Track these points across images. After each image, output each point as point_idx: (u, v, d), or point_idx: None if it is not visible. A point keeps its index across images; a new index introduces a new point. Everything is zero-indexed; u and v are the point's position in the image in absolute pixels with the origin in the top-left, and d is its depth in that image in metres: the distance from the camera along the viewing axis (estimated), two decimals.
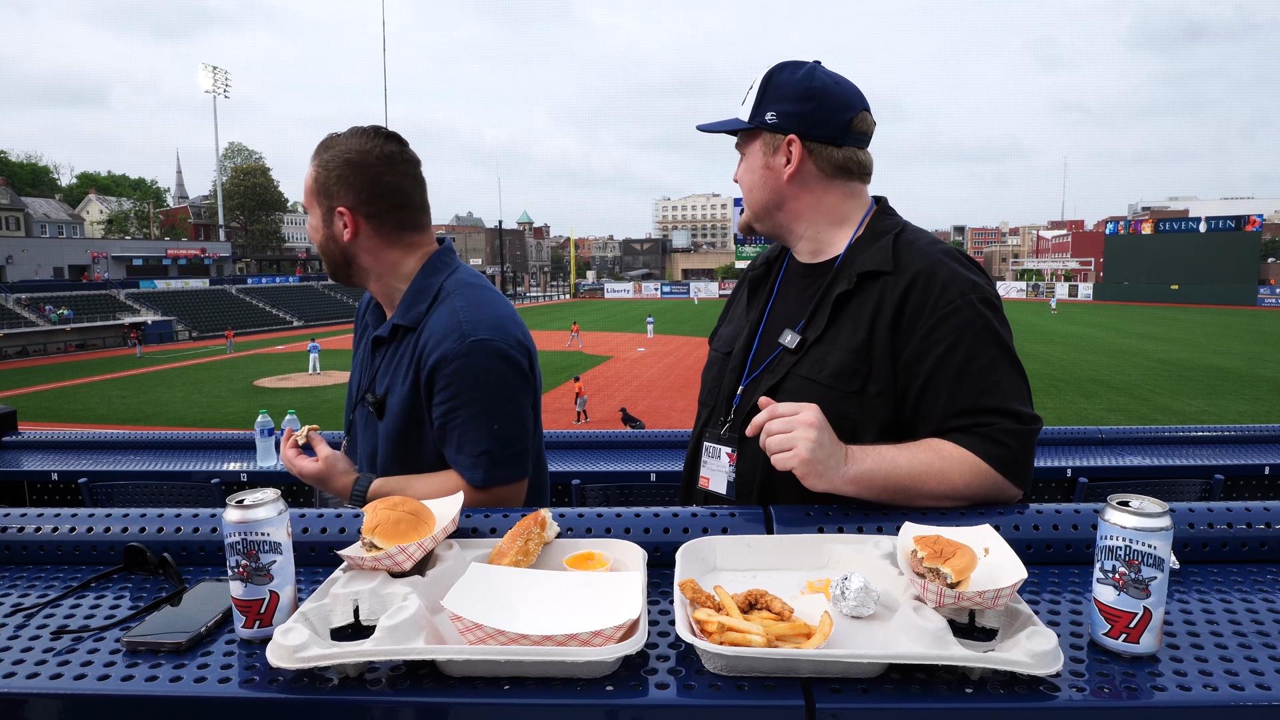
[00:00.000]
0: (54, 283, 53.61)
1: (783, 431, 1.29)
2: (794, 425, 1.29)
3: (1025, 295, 79.47)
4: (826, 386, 1.45)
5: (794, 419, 1.29)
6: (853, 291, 1.48)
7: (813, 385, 1.46)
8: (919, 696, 0.89)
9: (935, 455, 1.36)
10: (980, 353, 1.40)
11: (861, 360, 1.44)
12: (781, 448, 1.29)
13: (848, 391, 1.44)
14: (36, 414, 21.96)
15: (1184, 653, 0.98)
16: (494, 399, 1.68)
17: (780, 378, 1.51)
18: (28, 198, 74.48)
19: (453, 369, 1.65)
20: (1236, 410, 18.66)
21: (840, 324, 1.48)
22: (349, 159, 1.72)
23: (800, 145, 1.55)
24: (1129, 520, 0.96)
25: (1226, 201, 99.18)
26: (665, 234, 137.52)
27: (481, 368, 1.66)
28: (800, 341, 1.51)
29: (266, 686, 0.94)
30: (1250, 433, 3.79)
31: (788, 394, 1.47)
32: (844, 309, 1.49)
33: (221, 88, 76.43)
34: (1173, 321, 45.69)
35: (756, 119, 1.57)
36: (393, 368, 1.76)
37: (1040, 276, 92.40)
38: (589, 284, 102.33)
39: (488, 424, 1.67)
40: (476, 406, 1.66)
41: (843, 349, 1.46)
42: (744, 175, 1.63)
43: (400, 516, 1.17)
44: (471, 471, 1.66)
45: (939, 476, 1.34)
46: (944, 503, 1.37)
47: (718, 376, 1.68)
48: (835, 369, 1.45)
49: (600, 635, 0.93)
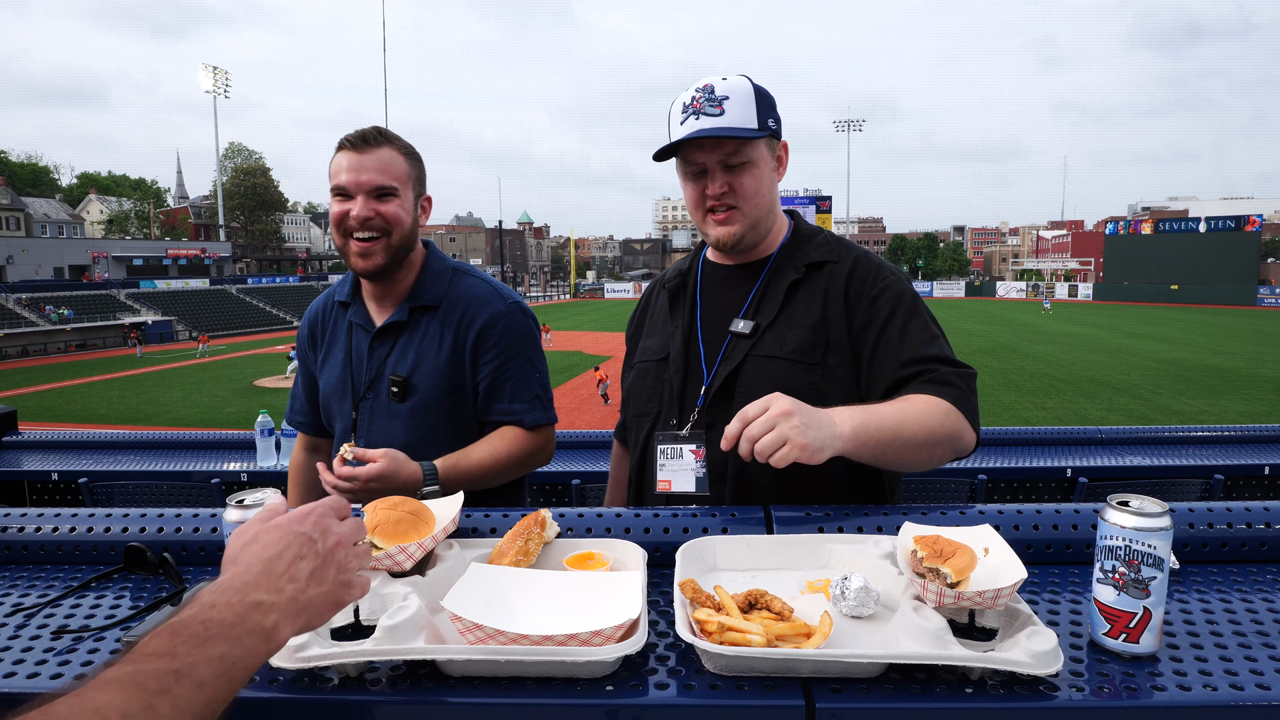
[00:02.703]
0: (54, 283, 53.61)
1: (766, 430, 1.25)
2: (772, 420, 1.25)
3: (1025, 295, 79.47)
4: (791, 361, 1.58)
5: (769, 415, 1.25)
6: (801, 280, 1.64)
7: (776, 361, 1.59)
8: (919, 696, 0.89)
9: (907, 403, 1.45)
10: (914, 316, 1.59)
11: (819, 335, 1.59)
12: (774, 445, 1.24)
13: (811, 363, 1.57)
14: (37, 414, 21.97)
15: (1184, 653, 0.98)
16: (535, 351, 1.97)
17: (739, 361, 1.60)
18: (28, 198, 74.48)
19: (501, 326, 1.91)
20: (1236, 410, 18.66)
21: (793, 308, 1.62)
22: (417, 154, 1.93)
23: (788, 151, 1.71)
24: (1129, 520, 0.96)
25: (1226, 201, 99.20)
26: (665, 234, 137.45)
27: (523, 325, 1.95)
28: (754, 327, 1.62)
29: (267, 686, 0.94)
30: (1250, 433, 3.79)
31: (749, 375, 1.59)
32: (794, 295, 1.63)
33: (221, 88, 76.43)
34: (1172, 321, 45.70)
35: (765, 127, 1.61)
36: (414, 347, 1.90)
37: (1040, 277, 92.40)
38: (589, 284, 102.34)
39: (533, 372, 1.94)
40: (524, 357, 1.93)
41: (800, 327, 1.60)
42: (752, 183, 1.62)
43: (400, 516, 1.18)
44: (530, 413, 1.91)
45: (918, 421, 1.41)
46: (924, 453, 1.42)
47: (655, 384, 1.73)
48: (797, 344, 1.59)
49: (600, 635, 0.93)
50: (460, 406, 1.90)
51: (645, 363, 1.78)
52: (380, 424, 1.89)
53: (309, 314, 2.11)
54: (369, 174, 1.81)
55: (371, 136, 1.84)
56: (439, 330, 1.90)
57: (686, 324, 1.72)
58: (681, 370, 1.68)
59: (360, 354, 1.95)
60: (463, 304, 1.91)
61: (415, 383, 1.87)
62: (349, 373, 1.95)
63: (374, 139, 1.84)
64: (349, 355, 1.96)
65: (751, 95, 1.59)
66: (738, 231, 1.64)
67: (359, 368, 1.94)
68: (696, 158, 1.61)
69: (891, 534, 1.24)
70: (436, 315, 1.91)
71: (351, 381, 1.94)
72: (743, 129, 1.57)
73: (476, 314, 1.90)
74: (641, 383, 1.77)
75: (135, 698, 0.61)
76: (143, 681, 0.62)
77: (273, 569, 0.79)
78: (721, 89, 1.58)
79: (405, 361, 1.89)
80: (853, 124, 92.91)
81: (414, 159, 1.91)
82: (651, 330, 1.83)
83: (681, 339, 1.70)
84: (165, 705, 0.62)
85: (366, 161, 1.82)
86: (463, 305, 1.91)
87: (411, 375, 1.88)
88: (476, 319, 1.89)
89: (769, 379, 1.57)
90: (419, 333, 1.91)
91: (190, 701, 0.64)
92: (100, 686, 0.61)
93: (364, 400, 1.91)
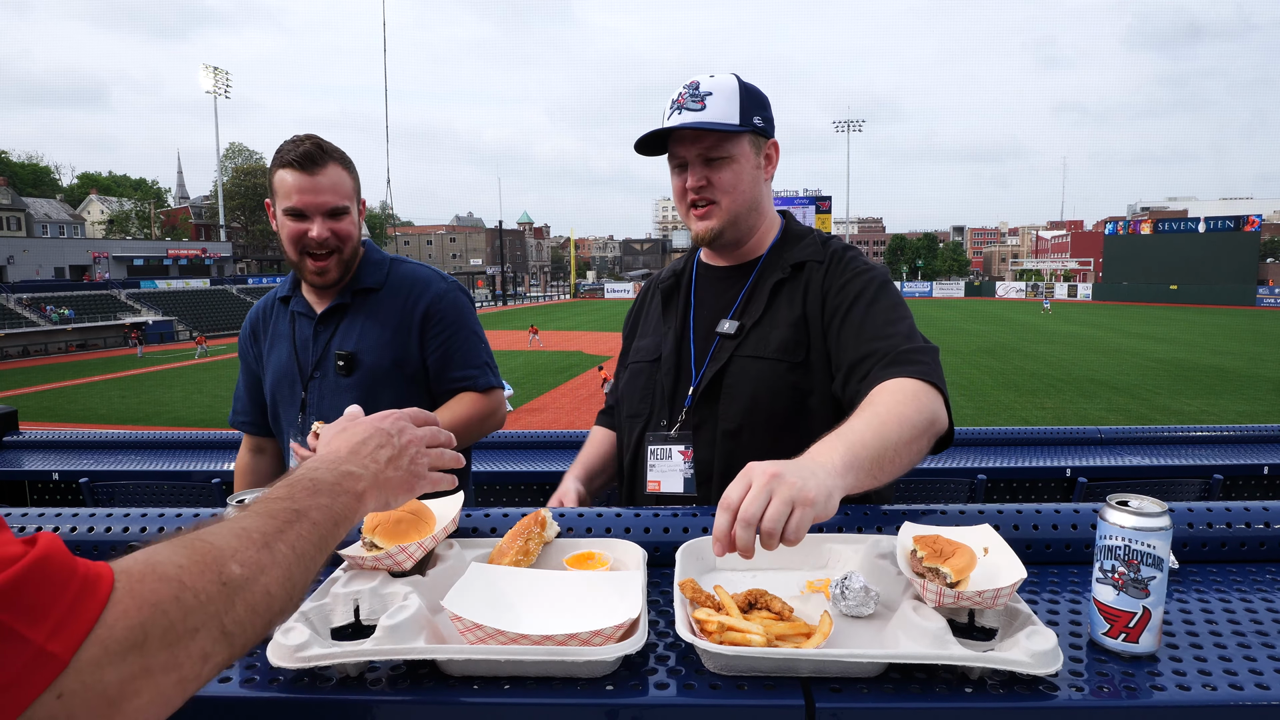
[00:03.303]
0: (55, 283, 53.57)
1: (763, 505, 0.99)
2: (762, 490, 1.00)
3: (1024, 295, 79.46)
4: (774, 360, 1.59)
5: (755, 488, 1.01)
6: (786, 279, 1.66)
7: (759, 361, 1.60)
8: (918, 696, 0.89)
9: (877, 404, 1.32)
10: (879, 299, 1.58)
11: (800, 332, 1.60)
12: (782, 516, 0.99)
13: (794, 362, 1.58)
14: (37, 414, 21.96)
15: (1183, 652, 0.98)
16: (476, 322, 2.15)
17: (724, 362, 1.62)
18: (29, 198, 74.46)
19: (447, 303, 2.08)
20: (1236, 410, 18.65)
21: (776, 307, 1.64)
22: (351, 160, 2.01)
23: (778, 151, 1.71)
24: (1128, 520, 0.96)
25: (1226, 202, 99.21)
26: (665, 234, 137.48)
27: (464, 301, 2.13)
28: (739, 327, 1.64)
29: (267, 686, 0.94)
30: (1249, 433, 3.79)
31: (734, 375, 1.61)
32: (779, 294, 1.65)
33: (222, 88, 76.44)
34: (1172, 321, 45.70)
35: (749, 124, 1.61)
36: (359, 325, 2.03)
37: (1040, 277, 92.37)
38: (589, 284, 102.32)
39: (479, 342, 2.12)
40: (468, 329, 2.10)
41: (782, 325, 1.61)
42: (731, 177, 1.63)
43: (400, 516, 1.18)
44: (482, 378, 2.08)
45: (895, 418, 1.28)
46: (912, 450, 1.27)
47: (647, 385, 1.74)
48: (779, 343, 1.60)
49: (600, 635, 0.93)
50: (407, 379, 2.03)
51: (638, 363, 1.79)
52: (329, 400, 1.99)
53: (250, 316, 2.23)
54: (325, 195, 1.90)
55: (316, 155, 1.90)
56: (383, 308, 2.04)
57: (679, 325, 1.74)
58: (673, 371, 1.69)
59: (305, 338, 2.06)
60: (406, 284, 2.07)
61: (360, 357, 2.00)
62: (294, 357, 2.05)
63: (319, 157, 1.90)
64: (293, 342, 2.07)
65: (736, 92, 1.60)
66: (715, 226, 1.65)
67: (304, 350, 2.06)
68: (678, 151, 1.64)
69: (891, 534, 1.24)
70: (380, 295, 2.06)
71: (298, 364, 2.05)
72: (720, 123, 1.58)
73: (421, 293, 2.06)
74: (634, 384, 1.78)
75: (270, 525, 0.79)
76: (274, 513, 0.81)
77: (359, 451, 0.98)
78: (706, 85, 1.60)
79: (350, 339, 2.02)
80: (853, 124, 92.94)
81: (352, 169, 2.01)
82: (645, 330, 1.84)
83: (673, 340, 1.72)
84: (291, 534, 0.80)
85: (321, 183, 1.90)
86: (407, 286, 2.07)
87: (356, 350, 2.00)
88: (422, 297, 2.05)
89: (753, 379, 1.59)
90: (361, 312, 2.04)
91: (307, 536, 0.82)
92: (239, 517, 0.79)
93: (312, 380, 2.03)
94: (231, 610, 0.70)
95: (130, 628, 0.62)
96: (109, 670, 0.61)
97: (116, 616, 0.62)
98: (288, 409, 2.07)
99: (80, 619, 0.60)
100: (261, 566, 0.74)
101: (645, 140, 1.65)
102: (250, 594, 0.72)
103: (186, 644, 0.66)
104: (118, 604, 0.62)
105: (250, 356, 2.21)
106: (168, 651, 0.64)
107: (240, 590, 0.71)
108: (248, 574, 0.73)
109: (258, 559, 0.75)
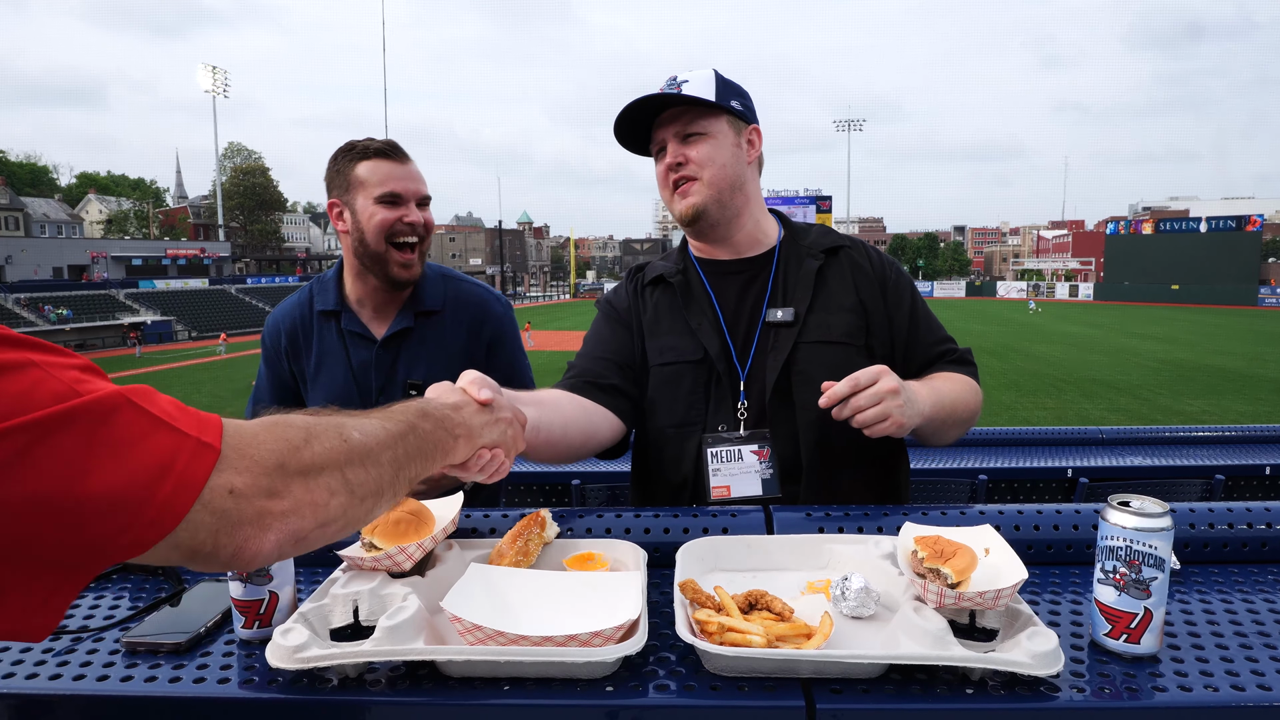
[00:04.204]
0: (53, 283, 53.57)
1: (873, 403, 1.35)
2: (880, 394, 1.35)
3: (1025, 295, 79.48)
4: (842, 344, 1.60)
5: (878, 388, 1.35)
6: (823, 265, 1.67)
7: (829, 347, 1.60)
8: (919, 697, 0.89)
9: (952, 381, 1.59)
10: (921, 301, 1.73)
11: (860, 316, 1.63)
12: (878, 419, 1.35)
13: (859, 345, 1.61)
14: None
15: (1185, 653, 0.98)
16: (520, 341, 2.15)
17: (790, 350, 1.59)
18: (27, 198, 74.45)
19: (506, 325, 2.08)
20: (1237, 410, 18.65)
21: (827, 293, 1.64)
22: None
23: (760, 136, 1.71)
24: (1130, 520, 0.96)
25: (1227, 201, 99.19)
26: (665, 234, 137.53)
27: (514, 319, 2.13)
28: (795, 314, 1.62)
29: (266, 687, 0.94)
30: (1251, 433, 3.79)
31: (804, 362, 1.58)
32: (823, 280, 1.66)
33: (221, 87, 76.39)
34: (1173, 321, 45.70)
35: (725, 102, 1.63)
36: (426, 352, 1.99)
37: (1040, 276, 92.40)
38: (589, 284, 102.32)
39: (525, 361, 2.14)
40: (520, 349, 2.12)
41: (840, 310, 1.63)
42: (709, 152, 1.62)
43: (400, 516, 1.17)
44: None
45: (962, 398, 1.57)
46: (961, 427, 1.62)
47: (694, 387, 1.62)
48: (845, 327, 1.62)
49: (600, 636, 0.92)
50: None
51: (675, 364, 1.64)
52: None
53: (283, 322, 2.07)
54: (416, 183, 1.93)
55: (399, 147, 1.94)
56: (448, 334, 2.00)
57: (713, 321, 1.65)
58: (731, 371, 1.61)
59: (364, 362, 1.98)
60: (467, 308, 2.04)
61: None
62: (353, 382, 1.97)
63: (401, 150, 1.94)
64: (349, 364, 1.99)
65: (712, 79, 1.63)
66: (697, 203, 1.63)
67: (364, 374, 1.98)
68: (657, 136, 1.66)
69: (892, 534, 1.24)
70: (442, 319, 2.00)
71: (358, 389, 1.97)
72: (693, 96, 1.59)
73: (484, 318, 2.04)
74: (676, 387, 1.63)
75: (394, 428, 0.90)
76: (397, 417, 0.92)
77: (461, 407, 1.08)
78: (684, 75, 1.63)
79: (419, 367, 1.97)
80: (853, 124, 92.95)
81: None
82: (657, 330, 1.69)
83: (716, 337, 1.63)
84: (410, 440, 0.91)
85: (412, 171, 1.93)
86: (471, 307, 2.04)
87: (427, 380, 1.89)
88: (486, 322, 2.04)
89: (825, 365, 1.54)
90: (428, 337, 1.99)
91: (418, 447, 0.93)
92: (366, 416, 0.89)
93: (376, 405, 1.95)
94: (350, 466, 0.81)
95: (269, 451, 0.73)
96: (261, 478, 0.71)
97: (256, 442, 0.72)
98: None
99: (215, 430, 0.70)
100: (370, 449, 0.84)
101: (630, 136, 1.67)
102: (364, 463, 0.82)
103: (315, 477, 0.76)
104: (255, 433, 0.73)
105: (282, 367, 2.08)
106: (301, 480, 0.75)
107: (357, 453, 0.82)
108: (366, 443, 0.84)
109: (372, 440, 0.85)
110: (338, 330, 2.01)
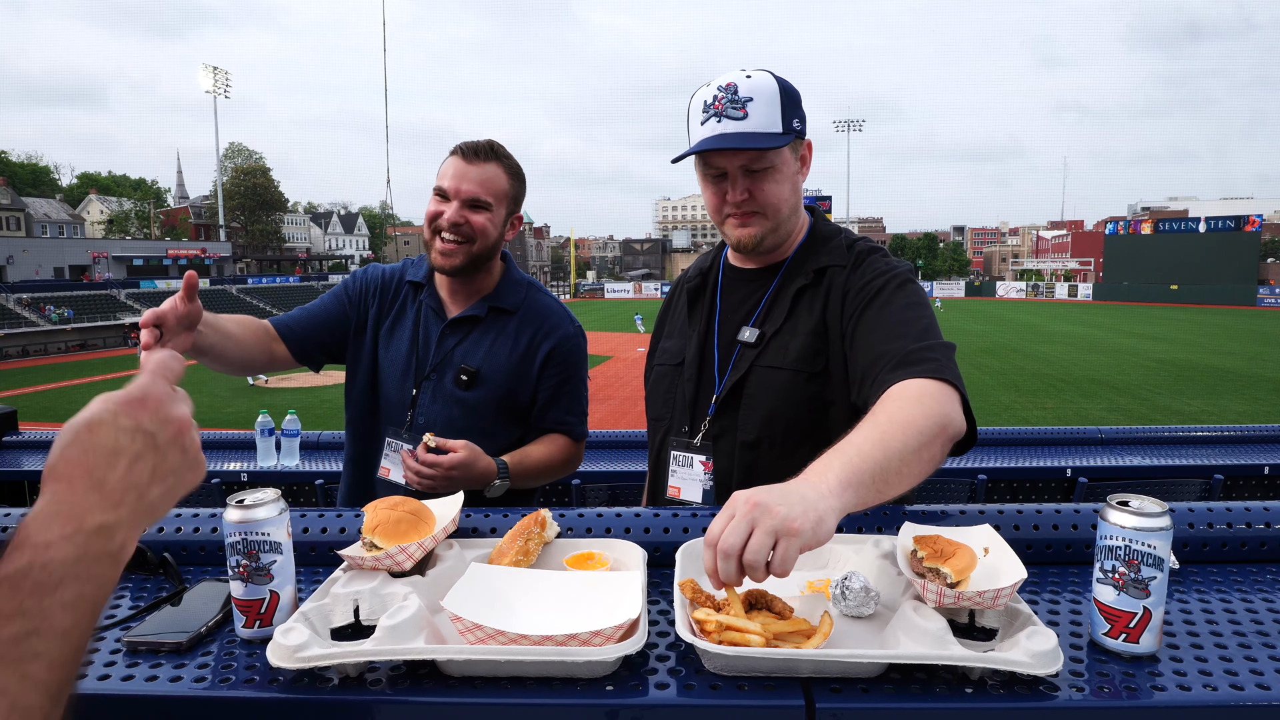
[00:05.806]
0: (54, 283, 53.53)
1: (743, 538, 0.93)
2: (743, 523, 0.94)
3: (1025, 295, 79.45)
4: (793, 370, 1.54)
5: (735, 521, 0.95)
6: (808, 285, 1.59)
7: (779, 372, 1.56)
8: (919, 696, 0.89)
9: (880, 412, 1.23)
10: (894, 300, 1.48)
11: (819, 340, 1.54)
12: (762, 552, 0.92)
13: (813, 372, 1.54)
14: (37, 414, 21.95)
15: (1184, 653, 0.98)
16: (586, 371, 2.16)
17: (744, 372, 1.58)
18: (28, 198, 74.42)
19: (572, 346, 2.08)
20: (1236, 410, 18.65)
21: (797, 315, 1.58)
22: (522, 175, 2.06)
23: (811, 150, 1.63)
24: (1129, 520, 0.96)
25: (1226, 201, 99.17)
26: (665, 234, 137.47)
27: (583, 348, 2.14)
28: (759, 336, 1.60)
29: (267, 686, 0.94)
30: (1250, 433, 3.79)
31: (754, 385, 1.57)
32: (800, 302, 1.59)
33: (221, 88, 76.41)
34: (1173, 321, 45.68)
35: (790, 130, 1.52)
36: (488, 343, 2.02)
37: (1040, 276, 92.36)
38: (589, 284, 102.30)
39: (585, 390, 2.14)
40: (579, 376, 2.11)
41: (802, 334, 1.56)
42: (774, 189, 1.54)
43: (400, 516, 1.18)
44: (579, 426, 2.10)
45: (900, 425, 1.17)
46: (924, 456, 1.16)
47: (669, 389, 1.72)
48: (798, 353, 1.55)
49: (600, 635, 0.93)
50: (512, 406, 2.02)
51: (663, 366, 1.76)
52: (440, 406, 1.99)
53: (383, 274, 2.15)
54: (469, 185, 1.94)
55: (484, 150, 1.97)
56: (515, 333, 2.03)
57: (703, 329, 1.69)
58: (695, 378, 1.66)
59: (428, 337, 2.05)
60: (541, 316, 2.07)
61: (485, 375, 1.99)
62: (414, 353, 2.03)
63: (485, 153, 1.97)
64: (415, 336, 2.05)
65: (777, 96, 1.50)
66: (758, 234, 1.58)
67: (424, 348, 2.04)
68: (717, 162, 1.53)
69: (891, 534, 1.24)
70: (513, 319, 2.05)
71: (417, 361, 2.03)
72: (766, 134, 1.48)
73: (552, 330, 2.06)
74: (659, 386, 1.75)
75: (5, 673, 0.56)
76: (3, 654, 0.56)
77: (106, 481, 0.67)
78: (745, 89, 1.48)
79: (476, 354, 2.01)
80: (853, 124, 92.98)
81: (517, 179, 2.04)
82: (671, 331, 1.81)
83: (697, 345, 1.68)
84: (39, 669, 0.57)
85: (471, 172, 1.95)
86: (541, 317, 2.07)
87: (481, 367, 1.99)
88: (552, 334, 2.06)
89: (772, 390, 1.56)
90: (493, 331, 2.04)
91: (60, 654, 0.59)
92: None
93: (427, 379, 2.01)
94: None
95: None
96: None
97: None
98: (392, 401, 2.04)
99: None
100: None
101: None
102: None
103: None
104: None
105: (355, 307, 2.09)
106: None
107: None
108: None
109: None
110: (417, 302, 2.09)
